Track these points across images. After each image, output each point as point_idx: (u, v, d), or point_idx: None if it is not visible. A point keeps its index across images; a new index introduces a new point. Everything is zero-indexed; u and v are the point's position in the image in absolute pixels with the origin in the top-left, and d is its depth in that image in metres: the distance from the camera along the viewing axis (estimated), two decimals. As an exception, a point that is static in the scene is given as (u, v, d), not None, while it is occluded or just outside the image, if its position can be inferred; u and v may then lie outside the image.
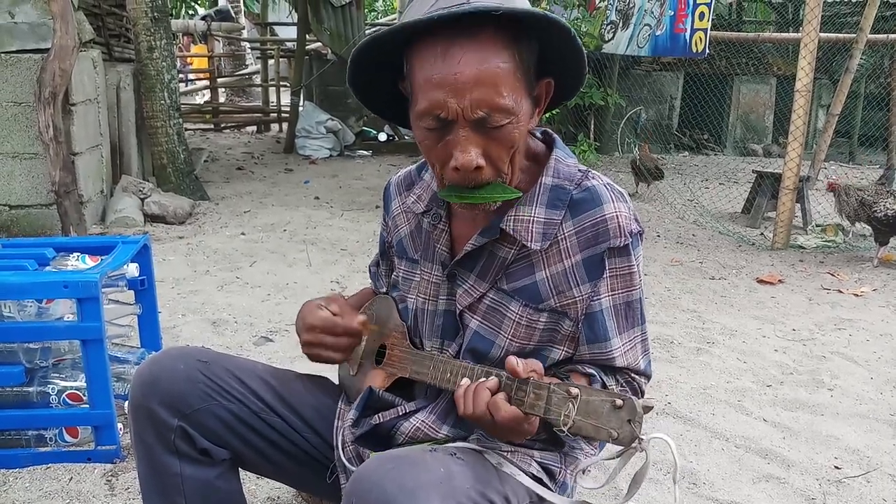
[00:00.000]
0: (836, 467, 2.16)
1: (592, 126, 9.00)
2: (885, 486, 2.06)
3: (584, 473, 1.14)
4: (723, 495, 1.98)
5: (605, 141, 9.57)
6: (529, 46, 1.10)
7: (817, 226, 5.62)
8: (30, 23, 4.76)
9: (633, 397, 0.93)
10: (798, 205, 5.39)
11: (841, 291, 4.08)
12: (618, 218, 1.19)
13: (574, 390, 0.95)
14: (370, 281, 1.57)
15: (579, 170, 1.24)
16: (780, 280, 4.27)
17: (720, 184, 7.50)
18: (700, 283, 4.17)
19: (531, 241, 1.20)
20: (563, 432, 0.95)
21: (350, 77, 1.20)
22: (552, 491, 1.21)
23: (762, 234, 5.60)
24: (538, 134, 1.30)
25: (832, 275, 4.44)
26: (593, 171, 1.25)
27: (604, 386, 1.19)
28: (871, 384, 2.79)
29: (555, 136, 1.30)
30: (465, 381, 1.10)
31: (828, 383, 2.76)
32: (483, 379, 1.08)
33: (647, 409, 0.92)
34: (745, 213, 6.25)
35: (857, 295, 4.02)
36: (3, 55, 4.60)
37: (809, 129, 8.61)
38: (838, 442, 2.30)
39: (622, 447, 0.92)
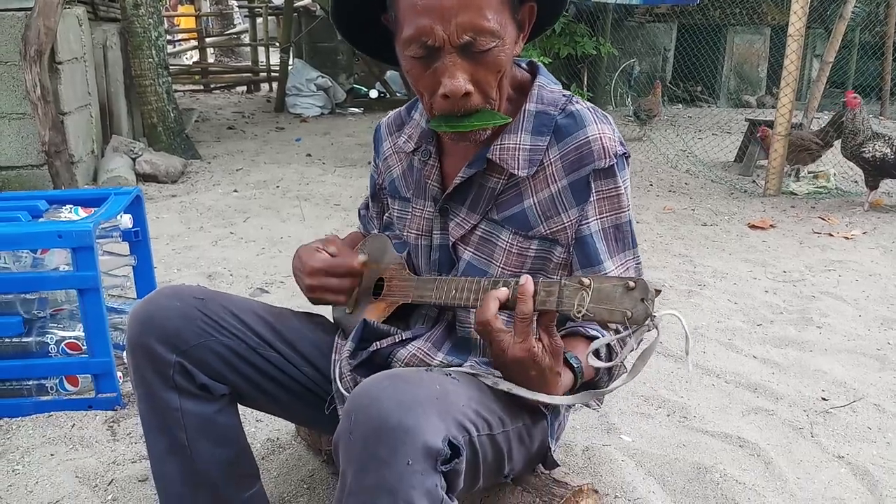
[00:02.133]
0: (823, 399, 2.20)
1: (585, 77, 8.93)
2: (870, 415, 2.10)
3: (596, 356, 1.14)
4: (713, 427, 2.02)
5: (599, 93, 9.50)
6: None
7: (809, 172, 5.63)
8: (11, -20, 4.69)
9: (644, 278, 0.96)
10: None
11: (831, 235, 4.11)
12: (601, 139, 1.19)
13: (586, 280, 0.98)
14: (359, 224, 1.58)
15: (563, 94, 1.25)
16: (771, 225, 4.29)
17: (713, 134, 7.48)
18: (692, 229, 4.20)
19: (518, 169, 1.21)
20: (578, 318, 0.98)
21: (333, 10, 1.20)
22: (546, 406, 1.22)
23: (754, 181, 5.61)
24: (524, 64, 1.31)
25: (823, 219, 4.47)
26: (577, 97, 1.26)
27: None
28: (860, 321, 2.83)
29: (539, 64, 1.30)
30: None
31: (817, 321, 2.80)
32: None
33: (657, 291, 0.95)
34: (738, 162, 6.25)
35: (847, 238, 4.06)
36: (-15, 13, 4.54)
37: (803, 79, 8.58)
38: (826, 375, 2.34)
39: (636, 326, 0.95)
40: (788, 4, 5.01)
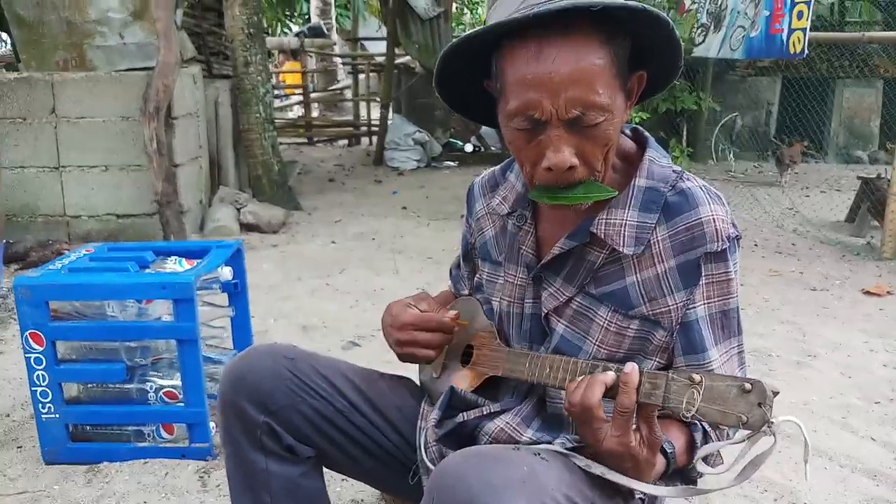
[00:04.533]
0: (955, 491, 2.00)
1: (685, 132, 8.75)
2: None
3: (704, 462, 1.08)
4: (826, 516, 1.86)
5: (699, 148, 9.28)
6: (624, 41, 1.07)
7: (931, 235, 5.26)
8: (137, 43, 5.05)
9: (761, 380, 0.89)
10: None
11: (958, 304, 3.80)
12: (714, 221, 1.13)
13: (696, 376, 0.92)
14: (450, 283, 1.56)
15: (673, 170, 1.19)
16: (888, 292, 4.01)
17: (821, 192, 7.15)
18: (800, 294, 3.97)
19: (623, 246, 1.15)
20: (686, 418, 0.92)
21: (437, 77, 1.19)
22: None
23: (868, 243, 5.28)
24: (627, 132, 1.27)
25: (948, 286, 4.14)
26: (688, 173, 1.20)
27: None
28: None
29: (647, 134, 1.25)
30: (582, 377, 1.05)
31: (944, 401, 2.56)
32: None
33: (776, 393, 0.89)
34: (849, 222, 5.91)
35: (976, 308, 3.74)
36: (113, 74, 4.90)
37: (920, 133, 8.11)
38: (957, 464, 2.13)
39: (750, 431, 0.89)
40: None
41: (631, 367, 0.98)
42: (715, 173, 8.34)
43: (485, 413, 1.26)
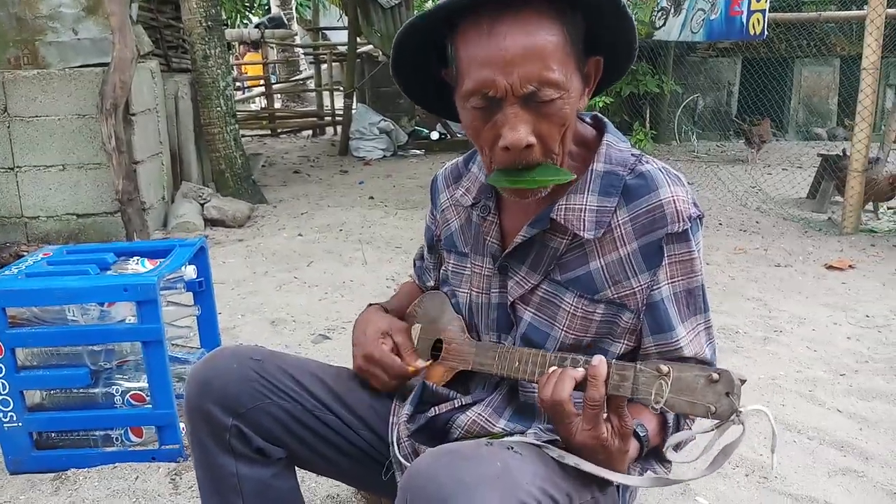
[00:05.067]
0: (919, 459, 2.04)
1: (648, 115, 8.81)
2: (974, 479, 1.94)
3: (675, 450, 1.08)
4: (797, 489, 1.89)
5: (662, 129, 9.36)
6: (577, 21, 1.06)
7: (889, 208, 5.38)
8: (91, 38, 4.93)
9: (728, 370, 0.90)
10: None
11: (918, 276, 3.89)
12: (675, 202, 1.13)
13: (664, 367, 0.92)
14: (414, 275, 1.55)
15: (632, 154, 1.19)
16: (850, 265, 4.09)
17: (783, 169, 7.25)
18: (765, 270, 4.03)
19: (584, 231, 1.15)
20: (656, 410, 0.93)
21: (393, 62, 1.17)
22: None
23: (830, 218, 5.38)
24: (588, 119, 1.26)
25: (907, 259, 4.24)
26: (647, 156, 1.20)
27: None
28: (954, 372, 2.64)
29: (605, 120, 1.25)
30: (553, 369, 1.06)
31: (906, 372, 2.62)
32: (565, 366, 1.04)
33: (743, 381, 0.89)
34: (811, 198, 6.02)
35: (935, 279, 3.83)
36: (67, 70, 4.77)
37: (877, 109, 8.26)
38: (920, 433, 2.18)
39: (719, 421, 0.89)
40: (858, 35, 4.85)
41: (599, 360, 0.98)
42: (678, 154, 8.42)
43: (456, 406, 1.26)
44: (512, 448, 1.04)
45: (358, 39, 9.42)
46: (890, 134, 6.69)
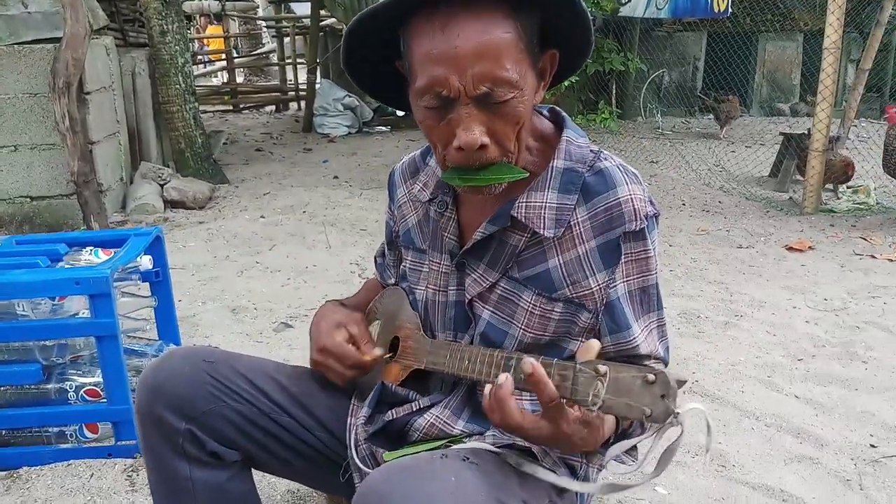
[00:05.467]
0: (873, 445, 2.08)
1: (614, 92, 8.82)
2: (924, 464, 1.98)
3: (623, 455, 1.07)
4: (753, 478, 1.92)
5: (627, 106, 9.38)
6: (531, 16, 1.04)
7: (848, 187, 5.46)
8: (43, 12, 4.75)
9: (665, 371, 0.87)
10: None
11: (874, 257, 3.96)
12: (632, 201, 1.12)
13: (602, 368, 0.89)
14: (376, 272, 1.52)
15: (591, 150, 1.18)
16: (810, 247, 4.15)
17: (746, 146, 7.32)
18: (727, 252, 4.07)
19: (544, 229, 1.14)
20: (593, 412, 0.90)
21: (344, 57, 1.14)
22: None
23: (791, 198, 5.46)
24: (545, 112, 1.24)
25: (865, 239, 4.31)
26: (605, 152, 1.19)
27: None
28: (908, 354, 2.70)
29: (563, 114, 1.23)
30: (488, 388, 0.99)
31: (862, 355, 2.67)
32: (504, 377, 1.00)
33: (681, 382, 0.87)
34: (773, 177, 6.09)
35: (891, 260, 3.90)
36: (16, 46, 4.60)
37: (839, 86, 8.36)
38: (874, 418, 2.22)
39: (657, 425, 0.87)
40: (821, 10, 4.89)
41: (530, 366, 0.93)
42: (644, 131, 8.46)
43: (414, 409, 1.24)
44: (468, 458, 1.03)
45: (322, 12, 9.25)
46: (850, 112, 6.79)
